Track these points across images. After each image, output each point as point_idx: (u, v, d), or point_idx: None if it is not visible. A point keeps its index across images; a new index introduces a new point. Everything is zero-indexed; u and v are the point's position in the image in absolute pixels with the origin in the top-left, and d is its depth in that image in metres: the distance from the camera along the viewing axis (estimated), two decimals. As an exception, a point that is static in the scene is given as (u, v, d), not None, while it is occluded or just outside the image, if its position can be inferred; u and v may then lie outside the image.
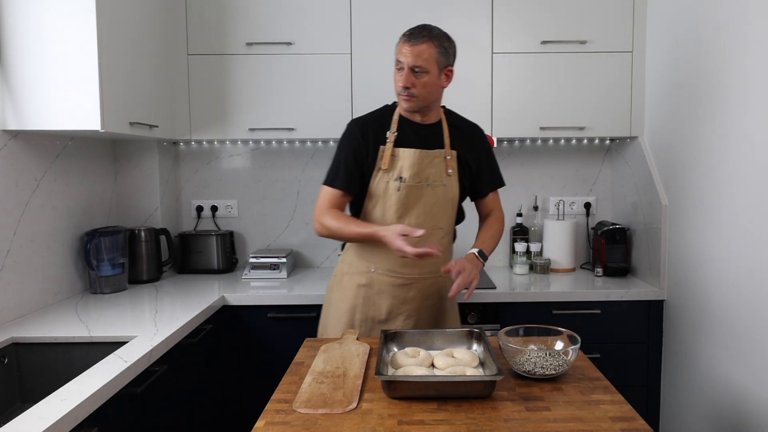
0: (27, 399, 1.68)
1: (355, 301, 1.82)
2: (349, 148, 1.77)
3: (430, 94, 1.73)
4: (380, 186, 1.76)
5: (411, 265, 1.78)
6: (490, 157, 1.92)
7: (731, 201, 1.83)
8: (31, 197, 1.96)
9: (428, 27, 1.73)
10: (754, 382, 1.72)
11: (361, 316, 1.82)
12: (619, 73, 2.45)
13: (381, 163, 1.75)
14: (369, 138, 1.76)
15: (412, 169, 1.75)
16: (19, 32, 1.81)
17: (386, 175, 1.76)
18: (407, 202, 1.76)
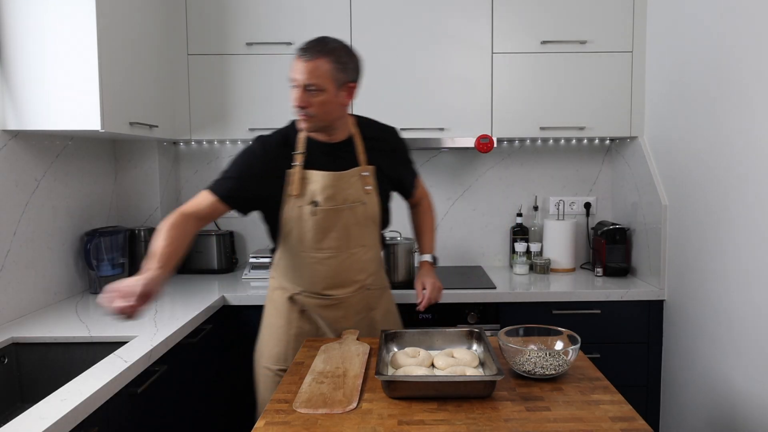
0: (27, 399, 1.68)
1: (289, 316, 1.76)
2: (244, 164, 1.65)
3: (329, 113, 1.59)
4: (293, 212, 1.66)
5: (335, 286, 1.72)
6: (405, 156, 1.85)
7: (731, 201, 1.83)
8: (31, 197, 1.96)
9: (324, 41, 1.58)
10: (755, 382, 1.72)
11: (296, 330, 1.75)
12: (619, 73, 2.45)
13: (291, 189, 1.64)
14: (272, 161, 1.65)
15: (325, 192, 1.64)
16: (19, 32, 1.81)
17: (298, 200, 1.65)
18: (324, 226, 1.66)
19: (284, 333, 1.76)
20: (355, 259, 1.73)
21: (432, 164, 2.79)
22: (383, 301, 1.86)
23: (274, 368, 1.75)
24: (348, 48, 1.61)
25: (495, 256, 2.82)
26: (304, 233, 1.67)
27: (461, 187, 2.80)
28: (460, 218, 2.81)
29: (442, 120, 2.46)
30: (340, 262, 1.71)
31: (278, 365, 1.75)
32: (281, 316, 1.77)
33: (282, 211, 1.67)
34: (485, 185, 2.80)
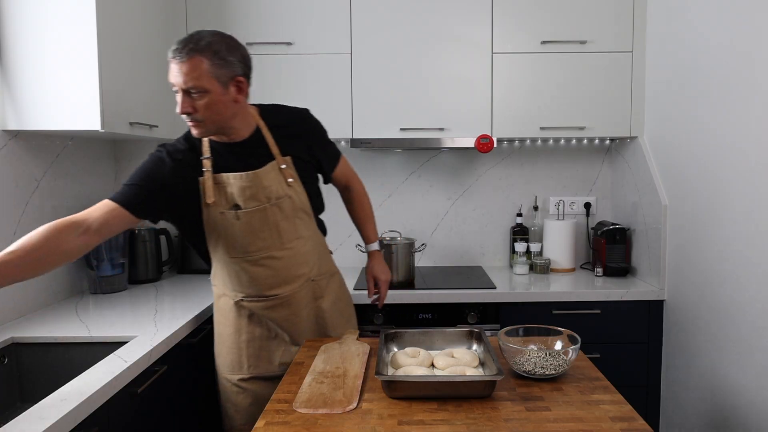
0: (27, 399, 1.68)
1: (237, 323, 1.69)
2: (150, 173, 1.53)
3: (220, 114, 1.48)
4: (215, 221, 1.57)
5: (278, 285, 1.65)
6: (321, 137, 1.75)
7: (731, 201, 1.83)
8: (31, 197, 1.96)
9: (196, 37, 1.45)
10: (755, 382, 1.72)
11: (247, 336, 1.69)
12: (619, 73, 2.45)
13: (206, 197, 1.55)
14: (180, 170, 1.54)
15: (244, 194, 1.56)
16: (19, 32, 1.81)
17: (217, 207, 1.56)
18: (252, 228, 1.58)
19: (235, 341, 1.70)
20: (294, 254, 1.66)
21: (432, 164, 2.79)
22: (331, 289, 1.79)
23: (231, 378, 1.71)
24: (228, 40, 1.49)
25: (495, 256, 2.82)
26: (232, 240, 1.59)
27: (461, 187, 2.80)
28: (460, 218, 2.81)
29: (442, 120, 2.46)
30: (279, 260, 1.64)
31: (234, 374, 1.70)
32: (229, 324, 1.70)
33: (203, 221, 1.58)
34: (485, 185, 2.80)
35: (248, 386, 1.70)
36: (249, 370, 1.69)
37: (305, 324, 1.73)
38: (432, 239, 2.82)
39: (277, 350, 1.71)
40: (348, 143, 2.71)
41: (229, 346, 1.70)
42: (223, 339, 1.72)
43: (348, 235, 2.78)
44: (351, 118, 2.45)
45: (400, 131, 2.46)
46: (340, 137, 2.48)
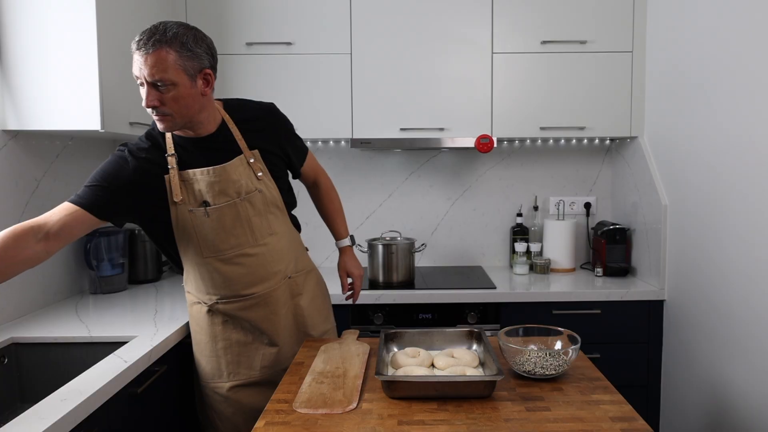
0: (27, 399, 1.68)
1: (212, 330, 1.64)
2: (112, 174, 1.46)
3: (188, 108, 1.44)
4: (184, 220, 1.52)
5: (254, 284, 1.61)
6: (289, 131, 1.71)
7: (731, 201, 1.83)
8: (31, 197, 1.96)
9: (162, 27, 1.39)
10: (755, 382, 1.72)
11: (223, 344, 1.64)
12: (619, 73, 2.45)
13: (174, 195, 1.50)
14: (144, 169, 1.49)
15: (212, 190, 1.51)
16: (19, 32, 1.81)
17: (185, 205, 1.51)
18: (223, 226, 1.54)
19: (212, 349, 1.65)
20: (268, 250, 1.61)
21: (432, 164, 2.79)
22: (308, 286, 1.76)
23: (212, 386, 1.67)
24: (194, 31, 1.44)
25: (495, 256, 2.82)
26: (203, 239, 1.54)
27: (461, 187, 2.80)
28: (460, 218, 2.81)
29: (442, 120, 2.46)
30: (253, 257, 1.59)
31: (215, 382, 1.66)
32: (204, 332, 1.65)
33: (171, 221, 1.53)
34: (485, 185, 2.80)
35: (230, 394, 1.65)
36: (229, 378, 1.65)
37: (284, 323, 1.68)
38: (432, 239, 2.82)
39: (257, 354, 1.65)
40: (348, 143, 2.71)
41: (208, 355, 1.65)
42: (201, 347, 1.67)
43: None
44: (351, 118, 2.45)
45: (400, 131, 2.46)
46: (340, 137, 2.48)
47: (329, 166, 2.77)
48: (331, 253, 2.77)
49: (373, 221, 2.79)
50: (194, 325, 1.69)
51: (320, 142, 2.75)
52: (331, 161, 2.77)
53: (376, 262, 2.43)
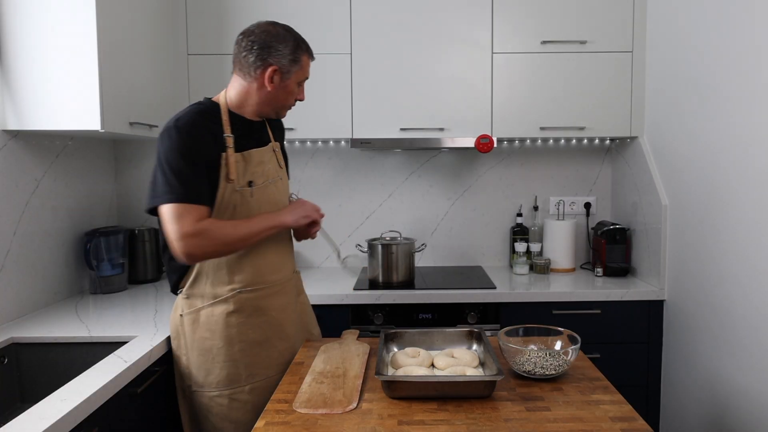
0: (27, 399, 1.68)
1: (228, 333, 1.57)
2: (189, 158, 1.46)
3: None
4: (231, 197, 1.54)
5: (275, 271, 1.64)
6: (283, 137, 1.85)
7: (731, 200, 1.83)
8: (31, 197, 1.96)
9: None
10: (755, 382, 1.72)
11: (241, 346, 1.59)
12: (619, 73, 2.45)
13: (228, 173, 1.52)
14: (205, 145, 1.50)
15: (257, 170, 1.59)
16: (20, 32, 1.81)
17: (234, 184, 1.54)
18: (260, 206, 1.59)
19: (227, 354, 1.58)
20: (286, 238, 1.70)
21: (432, 164, 2.79)
22: (302, 286, 1.82)
23: (227, 393, 1.59)
24: None
25: (495, 256, 2.82)
26: (243, 217, 1.55)
27: (461, 187, 2.80)
28: (460, 218, 2.81)
29: (442, 120, 2.46)
30: (276, 243, 1.65)
31: (231, 388, 1.59)
32: (218, 337, 1.58)
33: (216, 200, 1.52)
34: (485, 185, 2.80)
35: (249, 398, 1.60)
36: (248, 380, 1.60)
37: (294, 317, 1.70)
38: (432, 239, 2.82)
39: (273, 352, 1.63)
40: (348, 143, 2.71)
41: (222, 361, 1.58)
42: (212, 355, 1.59)
43: (348, 235, 2.79)
44: (351, 118, 2.45)
45: (400, 131, 2.46)
46: (340, 137, 2.48)
47: (329, 166, 2.77)
48: (331, 253, 2.77)
49: (373, 221, 2.79)
50: (203, 333, 1.59)
51: (320, 142, 2.75)
52: (331, 161, 2.77)
53: (376, 262, 2.43)
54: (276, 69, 1.55)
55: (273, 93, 1.58)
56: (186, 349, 1.61)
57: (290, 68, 1.57)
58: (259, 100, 1.59)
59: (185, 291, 1.60)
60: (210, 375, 1.59)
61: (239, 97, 1.59)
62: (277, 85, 1.56)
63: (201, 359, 1.59)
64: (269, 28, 1.58)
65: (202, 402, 1.61)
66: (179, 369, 1.63)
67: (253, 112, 1.62)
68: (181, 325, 1.61)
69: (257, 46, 1.54)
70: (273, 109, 1.62)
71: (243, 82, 1.58)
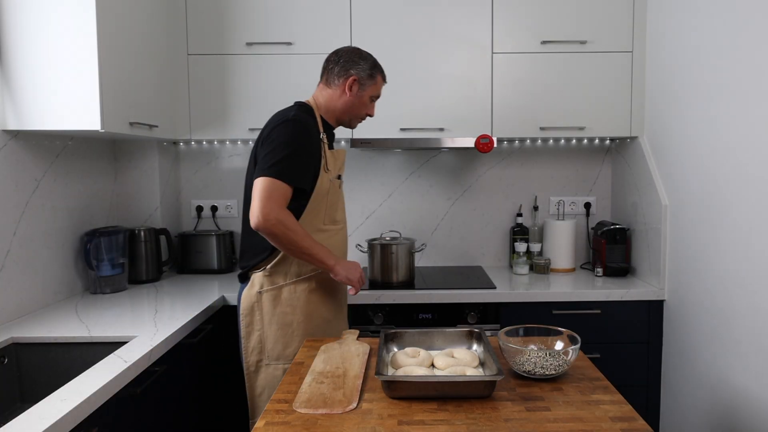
0: (27, 399, 1.68)
1: (308, 308, 1.79)
2: (302, 146, 1.71)
3: None
4: (325, 186, 1.78)
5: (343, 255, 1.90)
6: None
7: (731, 200, 1.83)
8: (31, 197, 1.96)
9: None
10: (755, 382, 1.72)
11: (318, 321, 1.81)
12: (619, 73, 2.45)
13: (326, 163, 1.78)
14: (314, 139, 1.76)
15: (340, 166, 1.87)
16: (20, 32, 1.81)
17: (328, 175, 1.78)
18: (340, 197, 1.87)
19: (305, 328, 1.78)
20: (346, 232, 1.95)
21: (432, 164, 2.79)
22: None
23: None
24: None
25: (495, 256, 2.82)
26: (331, 206, 1.81)
27: (461, 187, 2.80)
28: (460, 218, 2.81)
29: (442, 120, 2.46)
30: (344, 234, 1.93)
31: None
32: (300, 312, 1.78)
33: (317, 186, 1.75)
34: (485, 185, 2.80)
35: None
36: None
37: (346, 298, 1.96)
38: (432, 239, 2.82)
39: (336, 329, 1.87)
40: (348, 143, 2.71)
41: (301, 335, 1.78)
42: (292, 329, 1.77)
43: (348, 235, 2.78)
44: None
45: (400, 131, 2.46)
46: (340, 137, 2.48)
47: (329, 166, 2.77)
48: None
49: (373, 221, 2.79)
50: (284, 308, 1.77)
51: (320, 142, 2.75)
52: (331, 161, 2.77)
53: (376, 262, 2.43)
54: (356, 79, 1.80)
55: (351, 101, 1.82)
56: (262, 324, 1.78)
57: (367, 82, 1.83)
58: (341, 107, 1.83)
59: (268, 269, 1.77)
60: (288, 348, 1.77)
61: (326, 102, 1.84)
62: (354, 94, 1.82)
63: (280, 333, 1.77)
64: (354, 49, 1.86)
65: (276, 375, 1.78)
66: (249, 345, 1.79)
67: (334, 118, 1.87)
68: (258, 302, 1.78)
69: (343, 59, 1.82)
70: (349, 117, 1.87)
71: (328, 89, 1.84)
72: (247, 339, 1.79)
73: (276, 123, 1.72)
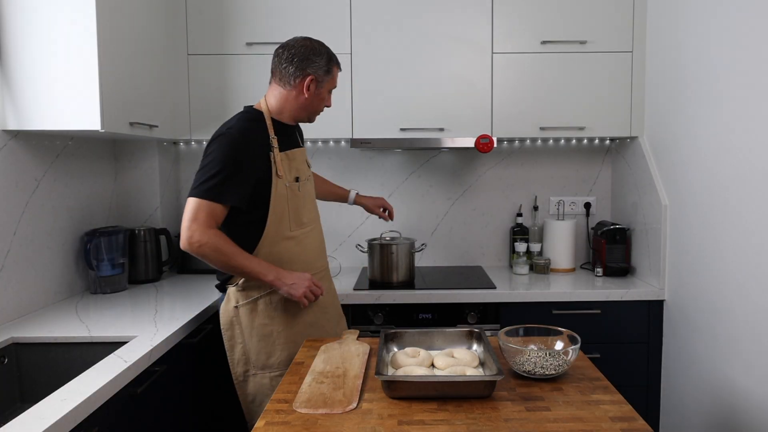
0: (27, 399, 1.68)
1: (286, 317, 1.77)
2: (236, 160, 1.62)
3: None
4: (282, 192, 1.72)
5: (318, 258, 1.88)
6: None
7: (731, 200, 1.83)
8: (31, 197, 1.96)
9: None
10: (754, 382, 1.72)
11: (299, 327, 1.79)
12: (619, 73, 2.45)
13: (277, 170, 1.71)
14: (256, 149, 1.68)
15: (298, 168, 1.80)
16: (20, 32, 1.81)
17: (282, 180, 1.72)
18: (304, 199, 1.80)
19: (287, 336, 1.76)
20: (320, 231, 1.92)
21: (432, 164, 2.79)
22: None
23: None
24: None
25: (495, 256, 2.82)
26: (294, 210, 1.75)
27: (461, 187, 2.80)
28: (460, 218, 2.81)
29: (442, 120, 2.46)
30: (317, 233, 1.89)
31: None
32: (278, 322, 1.75)
33: (271, 193, 1.70)
34: (485, 185, 2.80)
35: None
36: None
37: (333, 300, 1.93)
38: (432, 239, 2.82)
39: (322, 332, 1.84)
40: (348, 143, 2.71)
41: (283, 343, 1.76)
42: (273, 339, 1.75)
43: (348, 235, 2.79)
44: (351, 118, 2.45)
45: (400, 131, 2.46)
46: (340, 137, 2.48)
47: (329, 166, 2.77)
48: (330, 252, 2.77)
49: (373, 221, 2.79)
50: (262, 320, 1.75)
51: (320, 142, 2.75)
52: (331, 161, 2.77)
53: (376, 262, 2.43)
54: (313, 78, 1.73)
55: (309, 100, 1.76)
56: (243, 337, 1.76)
57: (324, 78, 1.76)
58: (297, 106, 1.77)
59: (241, 284, 1.74)
60: (272, 357, 1.76)
61: (279, 103, 1.77)
62: (312, 93, 1.75)
63: (261, 344, 1.75)
64: (306, 42, 1.75)
65: (263, 383, 1.77)
66: (234, 357, 1.78)
67: (291, 117, 1.80)
68: (236, 316, 1.76)
69: (297, 58, 1.73)
70: (307, 114, 1.82)
71: (282, 90, 1.76)
72: (231, 352, 1.78)
73: (213, 137, 1.67)
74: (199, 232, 1.57)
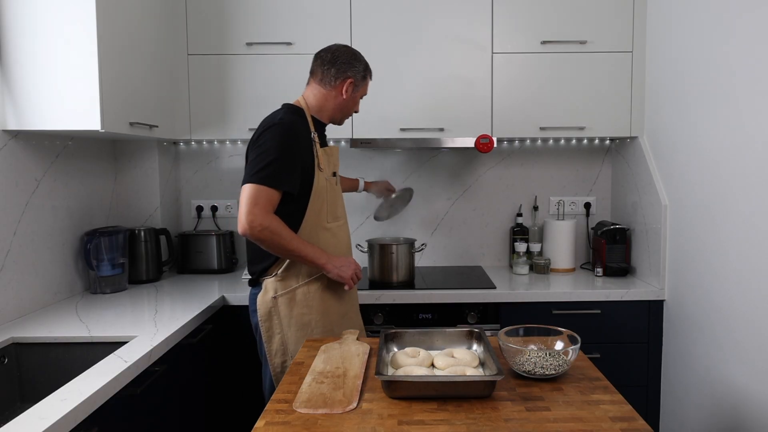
0: (27, 399, 1.68)
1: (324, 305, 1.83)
2: (290, 149, 1.71)
3: None
4: (323, 185, 1.81)
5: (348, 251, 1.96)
6: None
7: (731, 200, 1.83)
8: (31, 197, 1.96)
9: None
10: (755, 382, 1.72)
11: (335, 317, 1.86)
12: (619, 73, 2.45)
13: (319, 163, 1.80)
14: (304, 140, 1.77)
15: (336, 163, 1.90)
16: (20, 32, 1.81)
17: (323, 173, 1.81)
18: (338, 194, 1.91)
19: (324, 325, 1.83)
20: (348, 227, 1.98)
21: (432, 164, 2.79)
22: None
23: None
24: None
25: (495, 256, 2.82)
26: (331, 203, 1.85)
27: (461, 187, 2.80)
28: (460, 218, 2.81)
29: (442, 120, 2.46)
30: (347, 228, 1.97)
31: None
32: (315, 311, 1.82)
33: (313, 184, 1.78)
34: (485, 185, 2.80)
35: None
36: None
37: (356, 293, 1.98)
38: (432, 239, 2.82)
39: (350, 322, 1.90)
40: (348, 143, 2.71)
41: (321, 332, 1.82)
42: (311, 328, 1.82)
43: (348, 235, 2.78)
44: (351, 118, 2.45)
45: (400, 131, 2.46)
46: (340, 137, 2.48)
47: (329, 166, 2.77)
48: (331, 253, 2.77)
49: (373, 221, 2.79)
50: (301, 309, 1.81)
51: (320, 142, 2.75)
52: (331, 161, 2.77)
53: (376, 262, 2.43)
54: (352, 81, 1.85)
55: (345, 101, 1.86)
56: (281, 327, 1.81)
57: (360, 83, 1.88)
58: (335, 105, 1.87)
59: (280, 274, 1.80)
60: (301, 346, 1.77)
61: (318, 102, 1.86)
62: (349, 95, 1.86)
63: (300, 333, 1.81)
64: (348, 49, 1.88)
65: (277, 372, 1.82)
66: (272, 348, 1.82)
67: (328, 116, 1.89)
68: (275, 306, 1.81)
69: (340, 61, 1.84)
70: (341, 115, 1.91)
71: (323, 90, 1.85)
72: (269, 343, 1.82)
73: (264, 127, 1.74)
74: (261, 216, 1.64)
